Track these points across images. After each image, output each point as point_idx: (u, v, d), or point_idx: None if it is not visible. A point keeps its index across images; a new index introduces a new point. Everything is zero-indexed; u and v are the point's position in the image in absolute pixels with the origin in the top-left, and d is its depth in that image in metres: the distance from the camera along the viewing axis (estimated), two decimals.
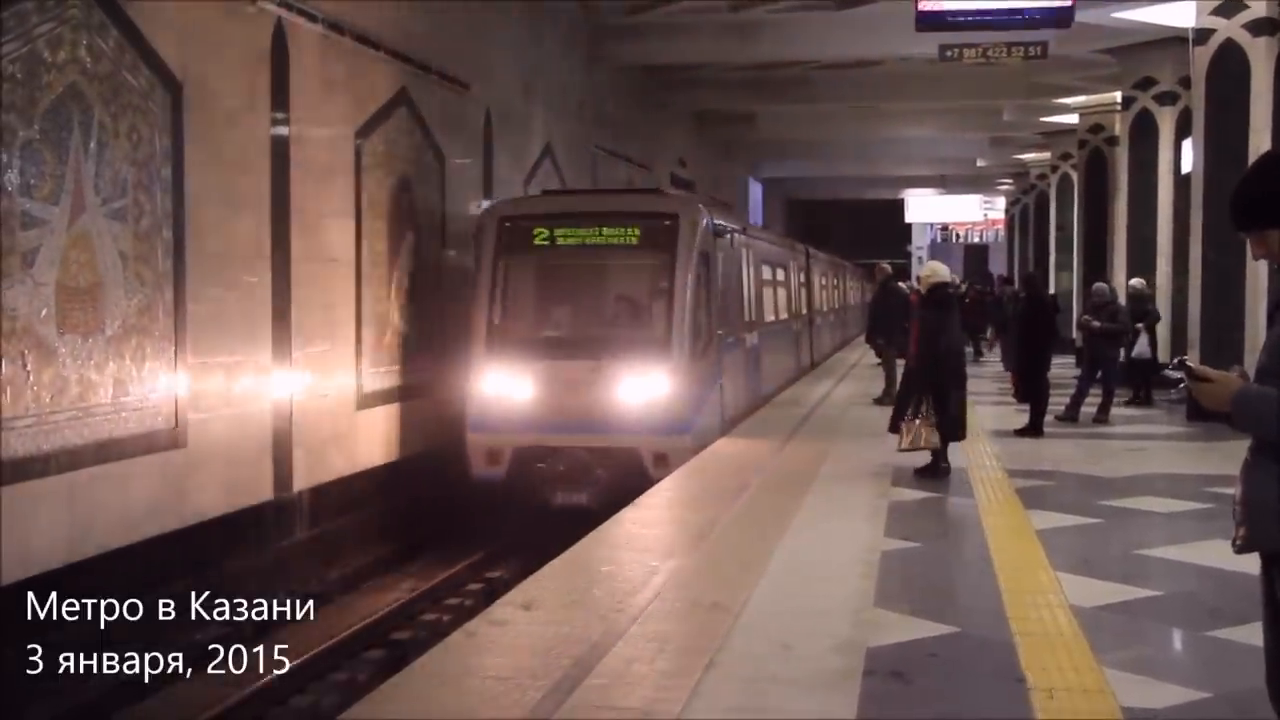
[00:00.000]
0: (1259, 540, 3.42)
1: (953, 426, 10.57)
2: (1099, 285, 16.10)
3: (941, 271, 11.31)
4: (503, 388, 12.21)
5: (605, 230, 12.67)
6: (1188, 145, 16.89)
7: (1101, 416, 14.78)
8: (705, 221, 13.02)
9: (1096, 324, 14.70)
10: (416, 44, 13.88)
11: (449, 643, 5.86)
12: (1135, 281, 17.30)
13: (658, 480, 10.60)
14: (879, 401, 16.88)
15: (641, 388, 11.98)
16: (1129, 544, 8.25)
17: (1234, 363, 3.68)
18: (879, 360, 18.60)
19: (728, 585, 6.87)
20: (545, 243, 12.71)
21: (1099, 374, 15.00)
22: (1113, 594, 6.77)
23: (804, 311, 22.66)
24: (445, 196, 15.04)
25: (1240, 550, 3.51)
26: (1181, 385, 3.67)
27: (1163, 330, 19.33)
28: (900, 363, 15.28)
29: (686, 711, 4.91)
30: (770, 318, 17.79)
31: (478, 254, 12.95)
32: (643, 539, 8.25)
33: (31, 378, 8.11)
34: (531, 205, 14.01)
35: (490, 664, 5.54)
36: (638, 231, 12.60)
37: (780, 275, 19.47)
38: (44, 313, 8.23)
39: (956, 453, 11.07)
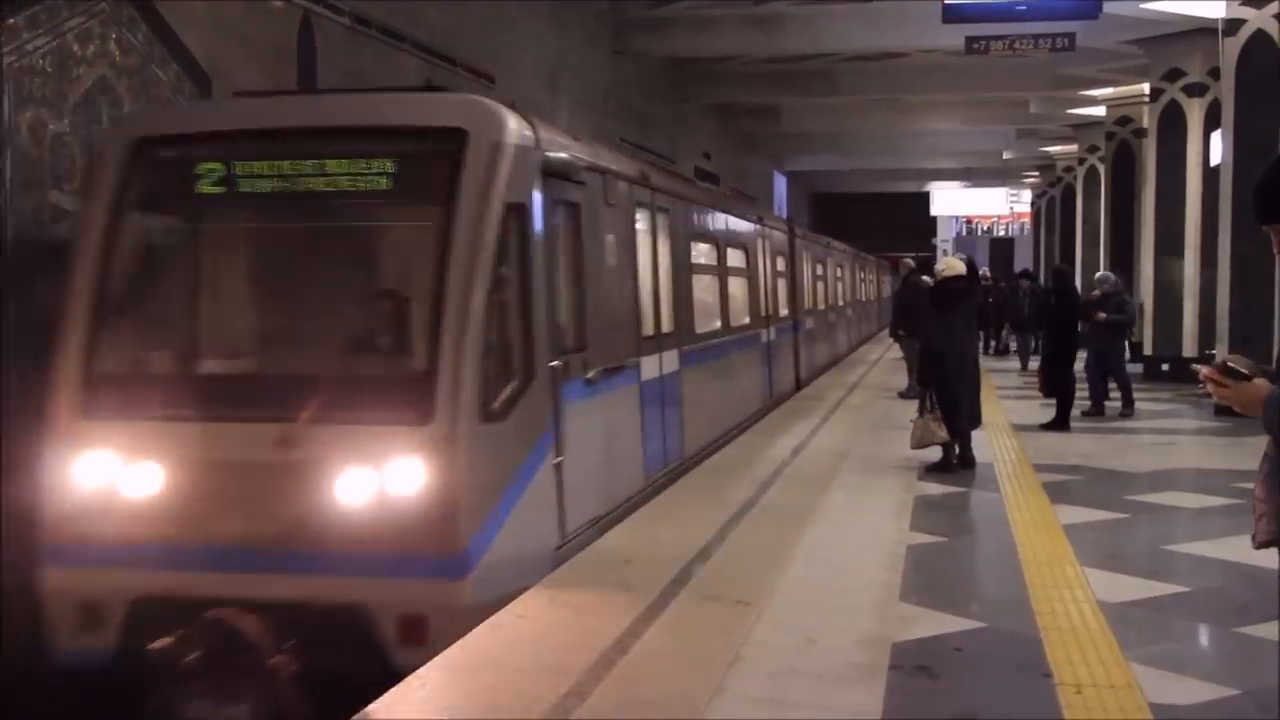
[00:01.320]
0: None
1: (962, 421, 10.54)
2: (1103, 274, 15.90)
3: (957, 266, 11.28)
4: (108, 477, 6.25)
5: (327, 164, 6.60)
6: (1216, 137, 16.75)
7: (1127, 411, 14.67)
8: (521, 144, 6.76)
9: (1103, 315, 14.47)
10: (441, 38, 13.90)
11: (475, 635, 5.88)
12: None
13: (409, 668, 5.42)
14: (904, 395, 16.95)
15: (372, 480, 6.02)
16: (1156, 539, 8.22)
17: (1261, 362, 3.63)
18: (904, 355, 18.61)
19: (752, 579, 6.87)
20: (214, 189, 6.71)
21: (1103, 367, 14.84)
22: (1140, 589, 6.74)
23: (781, 314, 17.36)
24: None
25: (1260, 545, 3.50)
26: (1201, 385, 3.56)
27: (1190, 323, 19.22)
28: None
29: (712, 705, 4.92)
30: (709, 325, 12.16)
31: (83, 211, 6.93)
32: (667, 530, 8.25)
33: None
34: (195, 119, 7.54)
35: (515, 657, 5.55)
36: (388, 167, 6.54)
37: (736, 259, 14.10)
38: None
39: (982, 447, 11.04)
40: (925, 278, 19.82)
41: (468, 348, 6.09)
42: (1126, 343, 15.43)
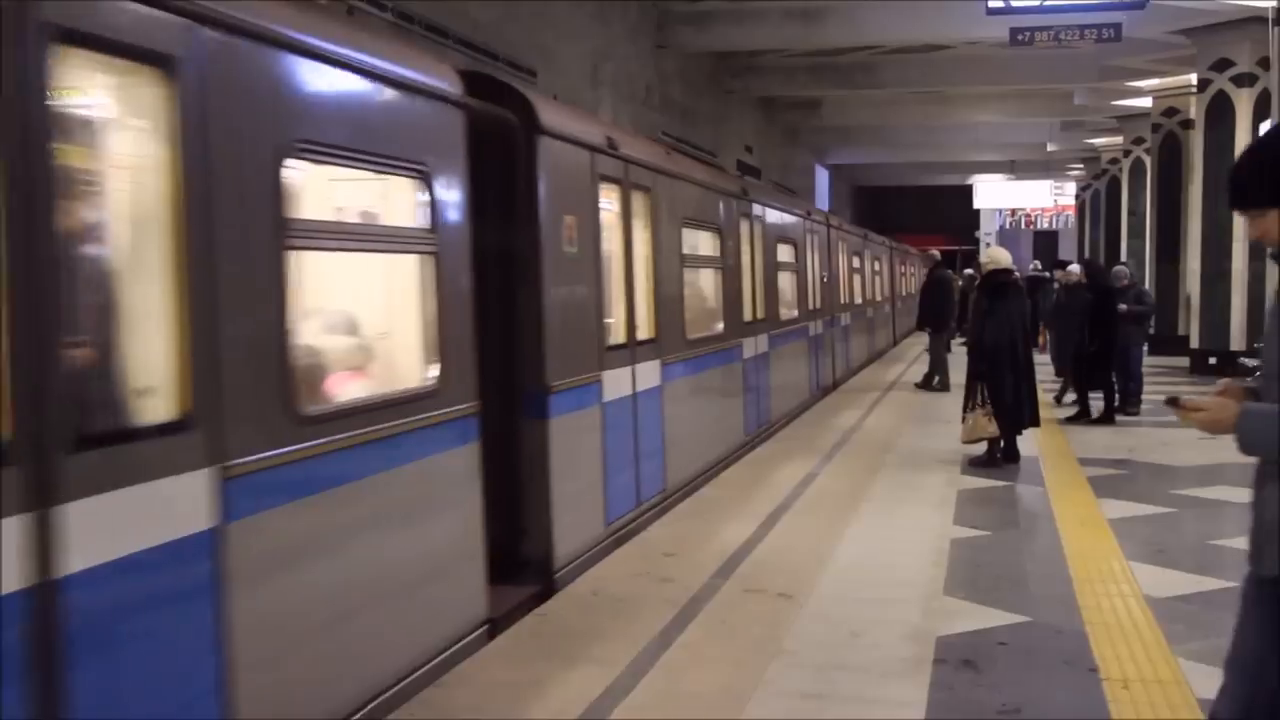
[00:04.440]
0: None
1: (1012, 416, 10.48)
2: (1119, 267, 15.72)
3: (1002, 259, 11.21)
4: None
5: None
6: (1266, 128, 16.54)
7: (1133, 410, 14.14)
8: None
9: (1124, 306, 14.13)
10: (484, 32, 13.95)
11: (520, 627, 5.92)
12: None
13: None
14: (920, 386, 17.15)
15: None
16: (1203, 534, 8.14)
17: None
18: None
19: (796, 572, 6.88)
20: None
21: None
22: (1187, 584, 6.69)
23: (816, 307, 16.43)
24: None
25: (1266, 573, 3.47)
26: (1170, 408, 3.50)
27: (1237, 316, 19.00)
28: (957, 349, 15.27)
29: (756, 698, 4.93)
30: (702, 330, 10.37)
31: None
32: (708, 523, 8.27)
33: None
34: None
35: (561, 649, 5.59)
36: None
37: (758, 250, 12.71)
38: None
39: (1027, 441, 10.97)
40: (949, 271, 19.89)
41: None
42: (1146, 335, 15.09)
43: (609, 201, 8.04)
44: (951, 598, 6.43)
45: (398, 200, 5.40)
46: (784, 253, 14.54)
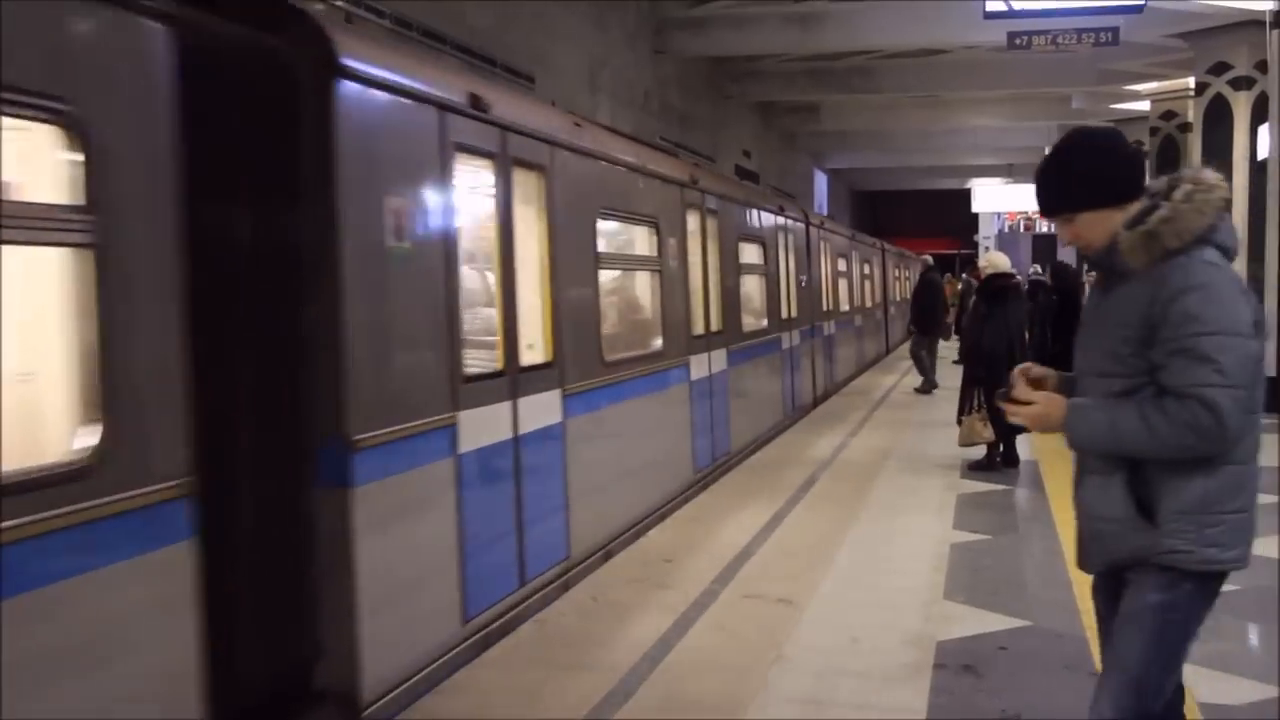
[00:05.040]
0: (1114, 555, 3.31)
1: (1009, 421, 10.46)
2: None
3: (1000, 263, 11.21)
4: None
5: None
6: (1263, 131, 16.55)
7: None
8: None
9: None
10: (482, 38, 13.96)
11: (520, 633, 5.91)
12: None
13: None
14: (920, 391, 17.14)
15: None
16: None
17: None
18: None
19: (796, 578, 6.86)
20: None
21: None
22: None
23: (792, 316, 14.70)
24: None
25: (1096, 570, 3.42)
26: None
27: None
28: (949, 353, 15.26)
29: (756, 703, 4.91)
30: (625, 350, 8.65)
31: None
32: (708, 528, 8.25)
33: None
34: None
35: (560, 655, 5.57)
36: None
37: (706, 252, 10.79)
38: None
39: (1024, 444, 10.96)
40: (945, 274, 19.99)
41: None
42: None
43: (476, 181, 6.25)
44: (951, 602, 6.42)
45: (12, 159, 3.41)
46: (750, 253, 12.75)
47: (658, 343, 9.17)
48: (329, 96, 4.74)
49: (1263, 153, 16.68)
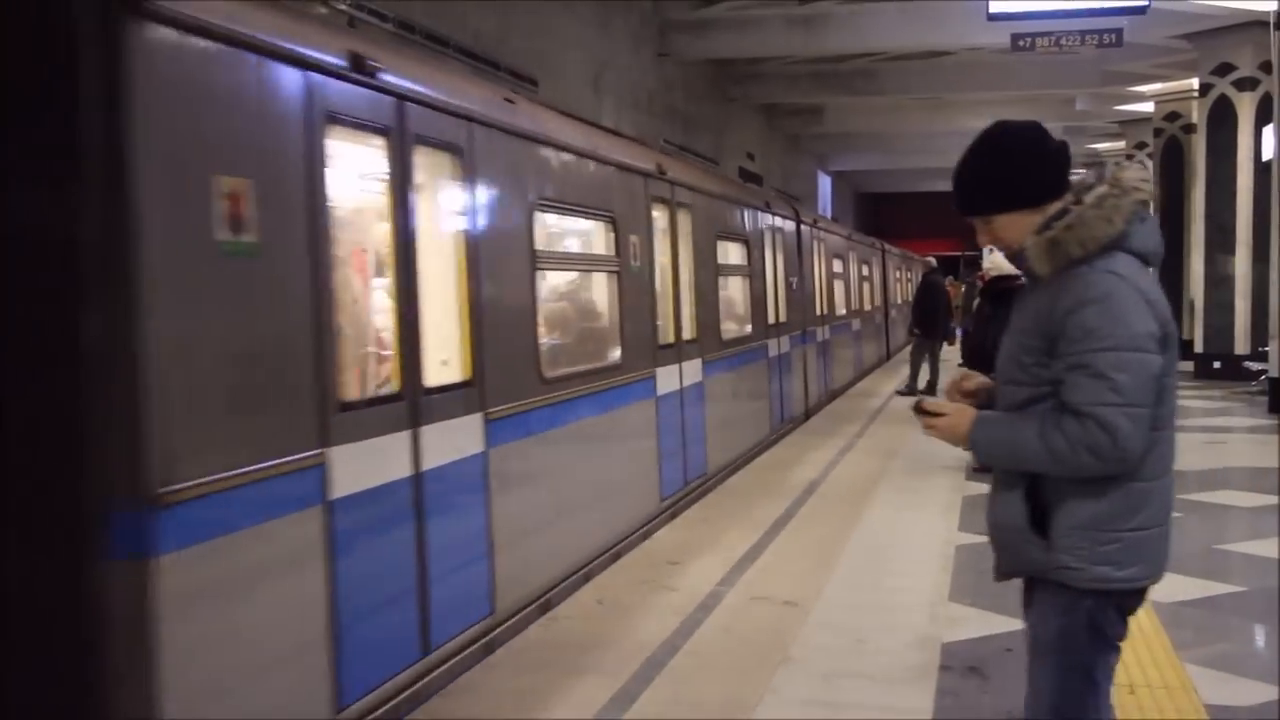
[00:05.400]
0: (1015, 566, 3.24)
1: None
2: None
3: (1004, 264, 11.20)
4: None
5: None
6: (1268, 132, 16.54)
7: None
8: None
9: None
10: (485, 41, 13.97)
11: (524, 637, 5.91)
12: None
13: None
14: (923, 392, 16.75)
15: None
16: (1209, 539, 8.12)
17: None
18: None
19: (801, 580, 6.86)
20: None
21: None
22: (1193, 589, 6.67)
23: (781, 320, 13.71)
24: None
25: (999, 578, 3.33)
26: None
27: (1241, 320, 18.98)
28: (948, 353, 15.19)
29: (763, 705, 4.92)
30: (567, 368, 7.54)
31: None
32: (712, 530, 8.25)
33: None
34: None
35: (565, 657, 5.58)
36: None
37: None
38: None
39: None
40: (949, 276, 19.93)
41: None
42: None
43: (362, 163, 5.26)
44: (957, 604, 6.42)
45: None
46: (731, 253, 11.74)
47: (615, 354, 8.03)
48: (121, 43, 3.56)
49: (1267, 153, 16.66)
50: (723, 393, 10.85)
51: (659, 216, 9.15)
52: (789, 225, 14.57)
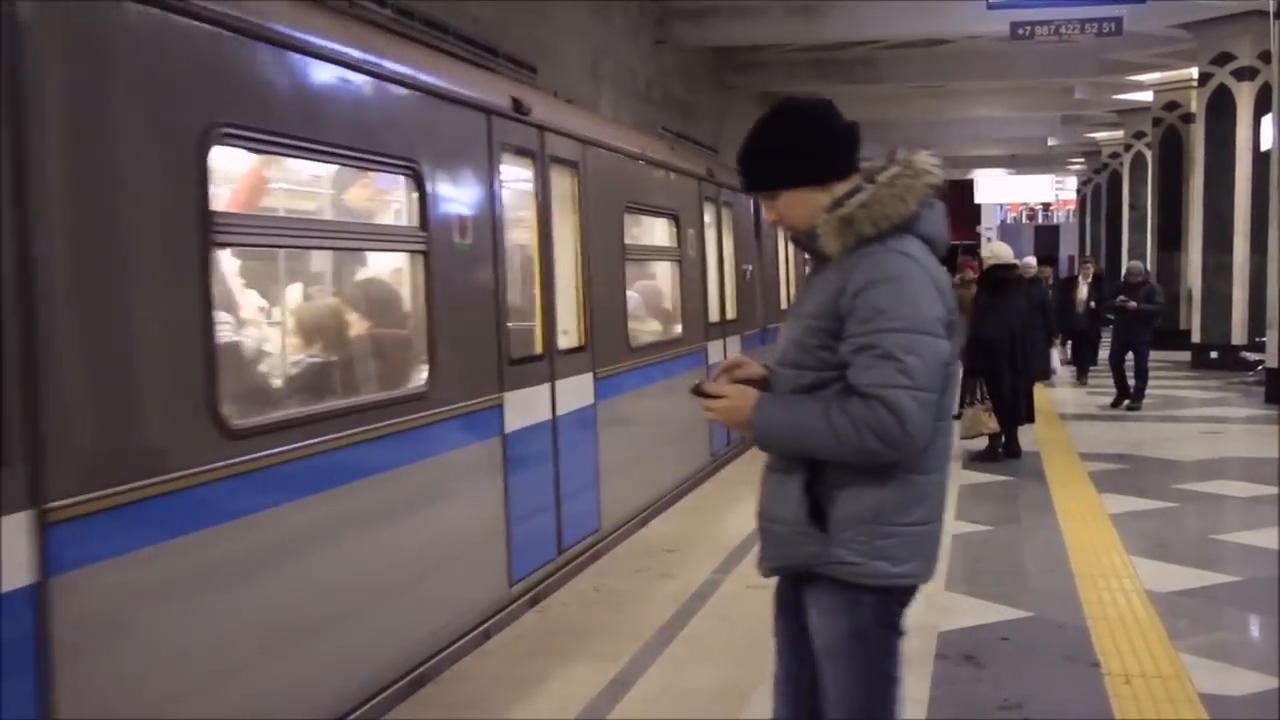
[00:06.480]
0: (786, 560, 3.02)
1: (1010, 411, 10.50)
2: (1134, 264, 15.93)
3: (1003, 254, 11.21)
4: None
5: None
6: (1267, 121, 16.52)
7: (1135, 405, 14.27)
8: None
9: (1133, 304, 14.31)
10: (484, 29, 13.94)
11: (520, 622, 5.92)
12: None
13: None
14: None
15: None
16: (1205, 529, 8.14)
17: None
18: None
19: None
20: None
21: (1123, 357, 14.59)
22: (1188, 579, 6.69)
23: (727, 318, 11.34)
24: None
25: (767, 573, 3.14)
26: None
27: (1239, 310, 18.99)
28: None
29: (759, 693, 4.92)
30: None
31: None
32: (709, 518, 8.26)
33: None
34: None
35: (561, 644, 5.59)
36: None
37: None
38: None
39: (1027, 435, 10.96)
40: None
41: None
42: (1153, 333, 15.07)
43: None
44: (953, 593, 6.43)
45: None
46: (652, 232, 9.73)
47: (420, 379, 5.33)
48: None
49: (1266, 143, 16.65)
50: (630, 417, 8.33)
51: (512, 175, 6.55)
52: (741, 200, 12.05)
